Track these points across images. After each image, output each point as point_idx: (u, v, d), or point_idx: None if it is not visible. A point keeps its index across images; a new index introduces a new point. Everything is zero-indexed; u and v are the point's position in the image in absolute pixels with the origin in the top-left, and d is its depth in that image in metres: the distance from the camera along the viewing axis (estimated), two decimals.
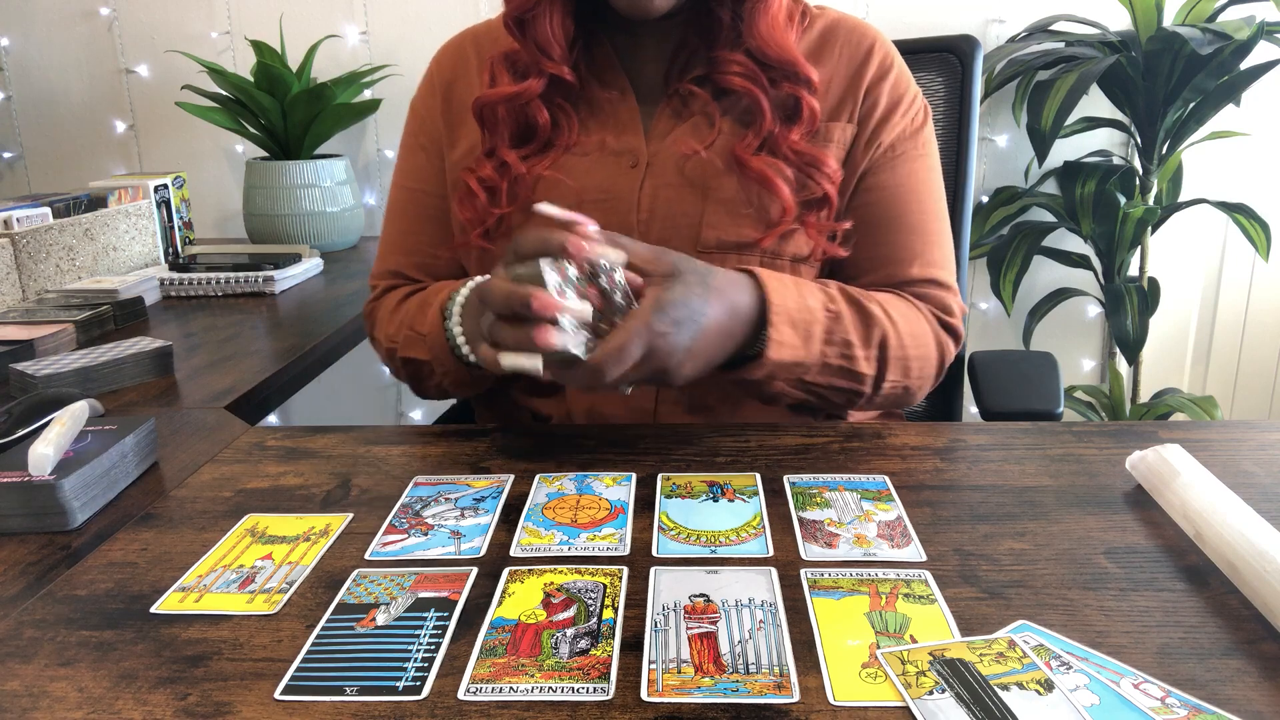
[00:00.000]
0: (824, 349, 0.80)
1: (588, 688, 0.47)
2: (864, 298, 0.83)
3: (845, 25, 0.93)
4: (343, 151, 1.98)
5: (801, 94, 0.86)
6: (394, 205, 1.00)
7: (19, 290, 1.31)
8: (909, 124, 0.91)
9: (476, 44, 0.97)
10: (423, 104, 0.98)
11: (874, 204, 0.90)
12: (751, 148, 0.85)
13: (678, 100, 0.90)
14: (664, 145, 0.88)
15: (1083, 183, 1.88)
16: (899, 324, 0.84)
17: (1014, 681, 0.47)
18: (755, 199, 0.86)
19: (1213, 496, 0.62)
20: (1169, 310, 2.06)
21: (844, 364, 0.81)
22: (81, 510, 0.67)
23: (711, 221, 0.86)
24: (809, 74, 0.86)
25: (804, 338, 0.78)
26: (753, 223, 0.86)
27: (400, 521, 0.66)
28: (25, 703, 0.48)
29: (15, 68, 2.12)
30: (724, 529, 0.64)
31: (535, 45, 0.86)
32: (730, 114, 0.88)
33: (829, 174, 0.87)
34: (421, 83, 0.99)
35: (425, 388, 0.92)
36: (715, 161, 0.86)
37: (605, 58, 0.91)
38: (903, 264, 0.90)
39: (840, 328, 0.81)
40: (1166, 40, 1.70)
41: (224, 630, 0.54)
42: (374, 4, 2.03)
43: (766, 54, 0.85)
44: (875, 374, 0.83)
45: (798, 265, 0.88)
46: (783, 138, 0.86)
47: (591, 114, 0.90)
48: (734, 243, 0.86)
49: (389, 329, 0.93)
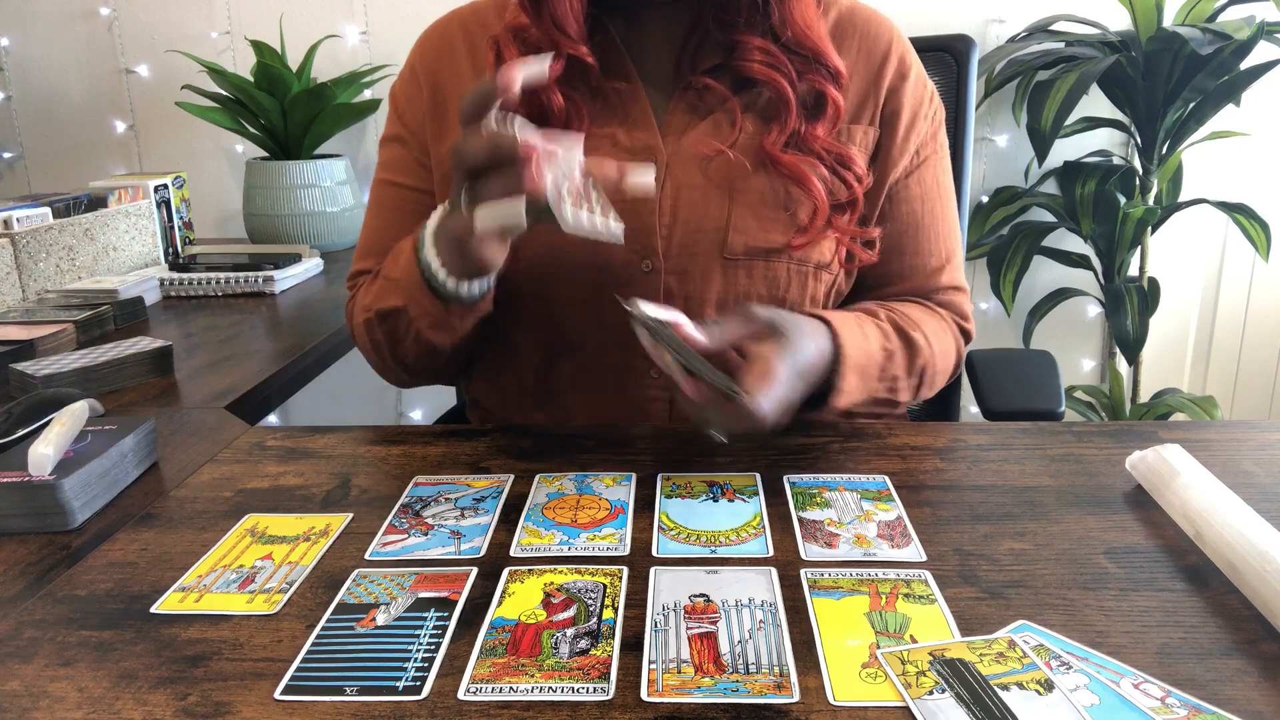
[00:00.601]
0: (876, 385, 0.81)
1: (588, 688, 0.47)
2: (910, 326, 0.84)
3: (861, 16, 0.88)
4: (343, 151, 1.98)
5: (827, 87, 0.81)
6: (373, 200, 0.94)
7: (19, 290, 1.31)
8: (929, 126, 0.90)
9: (464, 29, 0.90)
10: (403, 93, 0.91)
11: (904, 214, 0.89)
12: (779, 143, 0.80)
13: (693, 93, 0.84)
14: (682, 144, 0.83)
15: (1083, 183, 1.88)
16: (934, 345, 0.85)
17: (1014, 681, 0.47)
18: (784, 200, 0.82)
19: (1213, 496, 0.62)
20: (1169, 310, 2.06)
21: (889, 396, 0.83)
22: (81, 510, 0.67)
23: (738, 226, 0.81)
24: (836, 65, 0.82)
25: (863, 379, 0.78)
26: (781, 226, 0.82)
27: (400, 521, 0.66)
28: (25, 703, 0.48)
29: (15, 68, 2.12)
30: (724, 529, 0.64)
31: (552, 23, 0.79)
32: (751, 109, 0.83)
33: (858, 174, 0.84)
34: (402, 71, 0.92)
35: (403, 348, 0.83)
36: (743, 161, 0.81)
37: (609, 43, 0.83)
38: (932, 274, 0.90)
39: (892, 365, 0.82)
40: (1166, 40, 1.70)
41: (224, 630, 0.53)
42: (374, 4, 2.03)
43: (796, 40, 0.80)
44: (911, 398, 0.85)
45: (820, 271, 0.85)
46: (809, 134, 0.81)
47: (598, 104, 0.83)
48: (762, 249, 0.82)
49: (366, 301, 0.86)
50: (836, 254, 0.86)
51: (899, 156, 0.87)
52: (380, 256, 0.89)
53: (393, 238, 0.88)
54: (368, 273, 0.91)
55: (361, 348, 0.90)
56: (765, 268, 0.83)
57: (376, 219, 0.94)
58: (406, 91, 0.91)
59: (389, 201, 0.92)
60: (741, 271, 0.83)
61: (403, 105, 0.92)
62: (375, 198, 0.94)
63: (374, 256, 0.91)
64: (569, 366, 0.88)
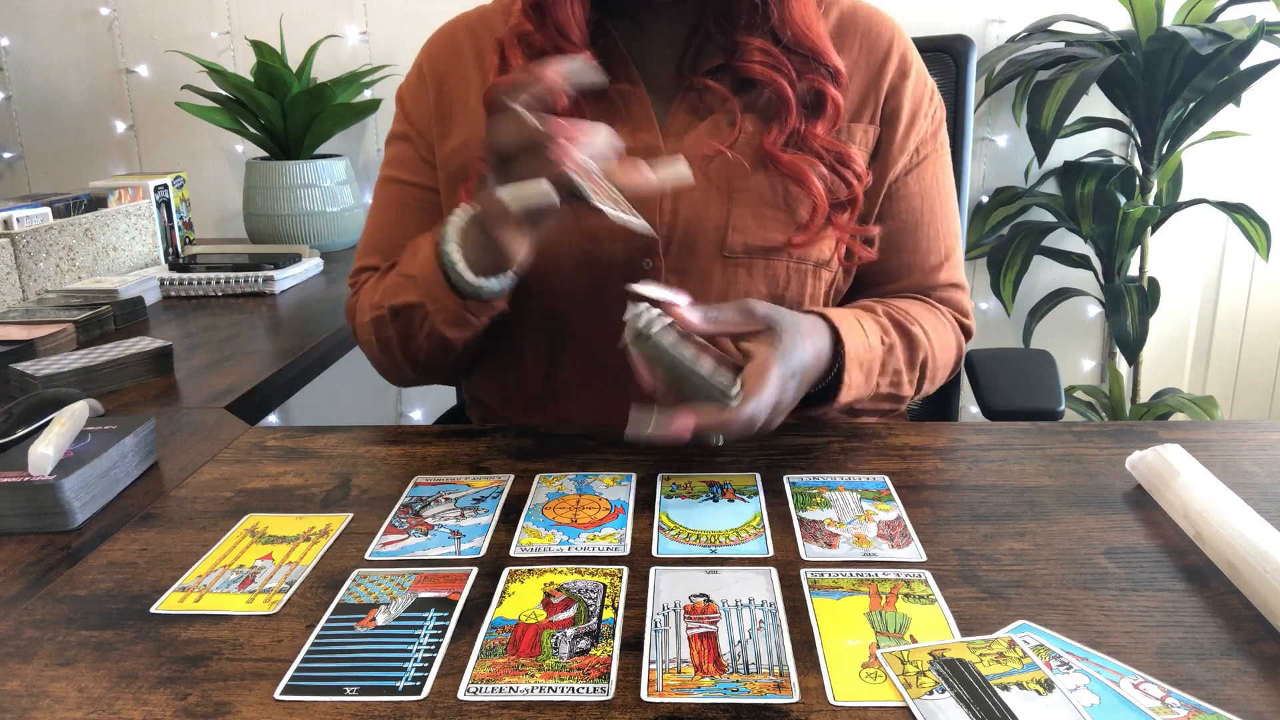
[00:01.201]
0: (879, 380, 0.81)
1: (588, 688, 0.47)
2: (907, 320, 0.84)
3: (862, 14, 0.89)
4: (343, 151, 1.98)
5: (826, 87, 0.82)
6: (378, 198, 0.95)
7: (19, 290, 1.31)
8: (930, 124, 0.90)
9: (471, 33, 0.91)
10: (410, 94, 0.93)
11: (903, 212, 0.89)
12: (779, 143, 0.82)
13: (694, 94, 0.84)
14: (683, 144, 0.83)
15: (1083, 183, 1.88)
16: (933, 340, 0.85)
17: (1014, 681, 0.47)
18: (783, 199, 0.83)
19: (1213, 496, 0.62)
20: (1169, 310, 2.06)
21: (892, 390, 0.83)
22: (81, 510, 0.67)
23: (737, 225, 0.82)
24: (836, 64, 0.83)
25: (866, 375, 0.79)
26: (780, 225, 0.83)
27: (400, 521, 0.66)
28: (25, 703, 0.48)
29: (15, 68, 2.12)
30: (724, 529, 0.64)
31: (555, 29, 0.80)
32: (751, 109, 0.84)
33: (857, 172, 0.84)
34: (410, 73, 0.94)
35: (415, 344, 0.83)
36: (741, 160, 0.82)
37: (611, 46, 0.84)
38: (931, 271, 0.91)
39: (893, 359, 0.82)
40: (1166, 40, 1.70)
41: (224, 630, 0.53)
42: (374, 4, 2.03)
43: (796, 40, 0.81)
44: (914, 393, 0.85)
45: (819, 269, 0.86)
46: (809, 133, 0.82)
47: (601, 106, 0.84)
48: (761, 247, 0.83)
49: (374, 298, 0.86)
50: (836, 252, 0.86)
51: (899, 154, 0.88)
52: (385, 253, 0.90)
53: (398, 234, 0.89)
54: (372, 269, 0.92)
55: (365, 345, 0.90)
56: (765, 266, 0.84)
57: (382, 216, 0.94)
58: (413, 92, 0.93)
59: (394, 198, 0.93)
60: (741, 270, 0.83)
61: (409, 105, 0.93)
62: (380, 195, 0.95)
63: (379, 253, 0.92)
64: (572, 365, 0.88)
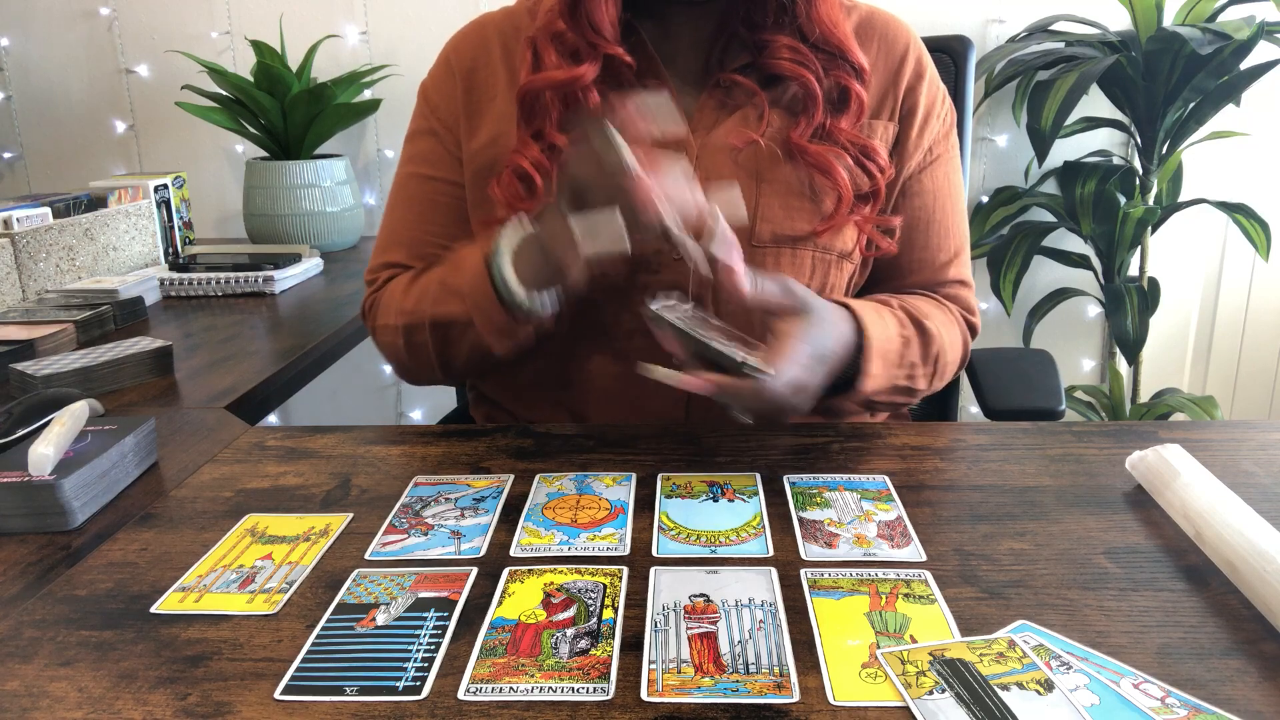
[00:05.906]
0: (897, 371, 0.82)
1: (588, 688, 0.47)
2: (920, 315, 0.86)
3: (880, 19, 0.92)
4: (343, 151, 1.98)
5: (851, 83, 0.85)
6: (399, 193, 0.94)
7: (19, 290, 1.31)
8: (942, 125, 0.92)
9: (499, 30, 0.92)
10: (437, 89, 0.93)
11: (916, 209, 0.91)
12: (805, 135, 0.84)
13: (721, 91, 0.86)
14: (711, 137, 0.85)
15: (1083, 183, 1.88)
16: (944, 336, 0.87)
17: (1014, 681, 0.47)
18: (809, 189, 0.85)
19: (1213, 496, 0.62)
20: (1169, 310, 2.06)
21: (908, 384, 0.84)
22: (81, 510, 0.67)
23: (766, 215, 0.84)
24: (860, 62, 0.85)
25: (886, 364, 0.80)
26: (806, 215, 0.85)
27: (400, 521, 0.66)
28: (25, 703, 0.48)
29: (15, 68, 2.12)
30: (724, 529, 0.64)
31: (589, 25, 0.81)
32: (777, 104, 0.85)
33: (881, 165, 0.86)
34: (435, 68, 0.94)
35: (455, 351, 0.85)
36: (774, 148, 0.84)
37: (640, 44, 0.86)
38: (941, 267, 0.93)
39: (910, 351, 0.83)
40: (1166, 40, 1.70)
41: (224, 630, 0.53)
42: (374, 4, 2.03)
43: (823, 38, 0.83)
44: (927, 387, 0.86)
45: (842, 261, 0.88)
46: (834, 127, 0.84)
47: None
48: (789, 236, 0.85)
49: (405, 304, 0.87)
50: (858, 243, 0.88)
51: (913, 151, 0.90)
52: (410, 247, 0.91)
53: (424, 229, 0.90)
54: (395, 266, 0.92)
55: (387, 346, 0.91)
56: (792, 255, 0.85)
57: (405, 211, 0.94)
58: (441, 87, 0.93)
59: (419, 193, 0.93)
60: (769, 259, 0.85)
61: (436, 99, 0.93)
62: (403, 191, 0.94)
63: (403, 248, 0.92)
64: (593, 354, 0.88)
